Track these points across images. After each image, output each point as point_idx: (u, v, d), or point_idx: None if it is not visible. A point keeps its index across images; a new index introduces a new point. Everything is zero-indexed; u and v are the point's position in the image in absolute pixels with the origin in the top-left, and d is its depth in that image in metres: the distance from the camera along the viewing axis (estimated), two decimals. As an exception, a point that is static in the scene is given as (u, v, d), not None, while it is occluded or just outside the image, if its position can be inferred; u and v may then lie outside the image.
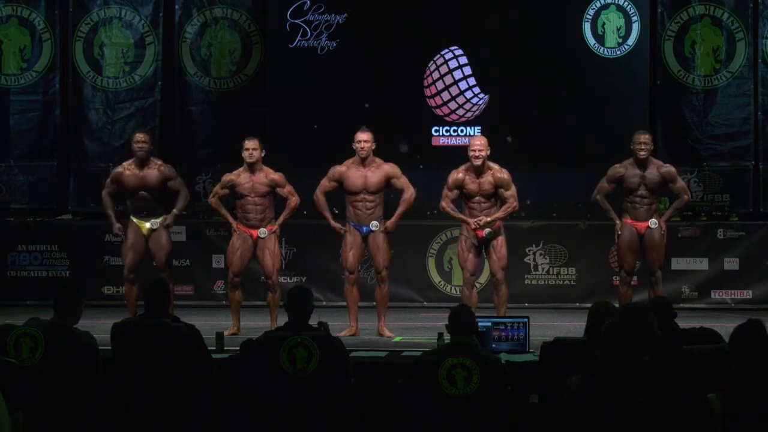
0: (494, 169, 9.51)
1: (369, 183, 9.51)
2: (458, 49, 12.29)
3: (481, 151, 9.46)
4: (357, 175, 9.52)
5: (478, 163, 9.44)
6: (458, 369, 5.54)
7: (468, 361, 5.54)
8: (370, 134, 9.56)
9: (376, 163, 9.59)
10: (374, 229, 9.53)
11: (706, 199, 12.24)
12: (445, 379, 5.53)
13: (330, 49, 12.39)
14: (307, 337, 5.74)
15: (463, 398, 5.53)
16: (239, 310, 9.69)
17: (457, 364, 5.54)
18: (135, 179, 9.81)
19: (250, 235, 9.64)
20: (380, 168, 9.57)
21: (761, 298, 11.68)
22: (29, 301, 11.78)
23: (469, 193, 9.50)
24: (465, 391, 5.53)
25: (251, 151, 9.60)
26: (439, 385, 5.52)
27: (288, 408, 5.73)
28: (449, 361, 5.55)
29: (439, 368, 5.54)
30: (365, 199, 9.52)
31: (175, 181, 9.90)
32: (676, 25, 12.31)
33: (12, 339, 5.86)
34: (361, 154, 9.49)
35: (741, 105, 12.27)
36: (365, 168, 9.53)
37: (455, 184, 9.53)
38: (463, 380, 5.53)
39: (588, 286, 11.76)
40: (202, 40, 12.72)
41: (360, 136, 9.53)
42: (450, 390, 5.53)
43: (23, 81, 12.83)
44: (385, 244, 9.57)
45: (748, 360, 4.80)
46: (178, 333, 6.12)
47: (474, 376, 5.52)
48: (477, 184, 9.47)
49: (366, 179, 9.51)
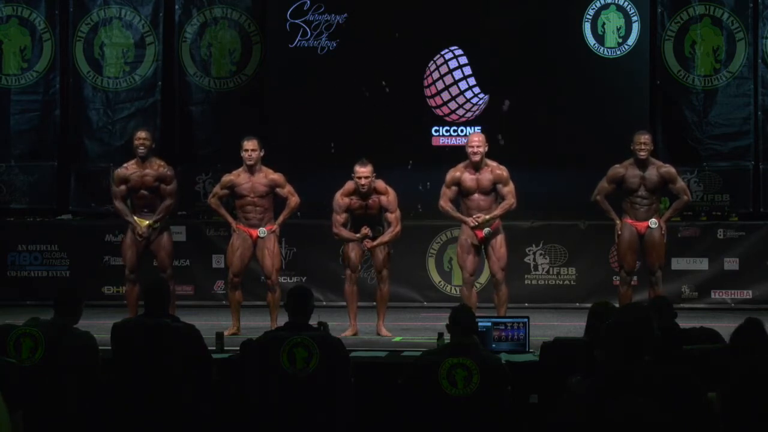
0: (492, 165, 9.52)
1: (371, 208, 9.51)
2: (458, 49, 12.29)
3: (479, 147, 9.47)
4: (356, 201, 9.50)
5: (476, 159, 9.44)
6: (458, 369, 5.54)
7: (468, 361, 5.55)
8: (370, 167, 9.45)
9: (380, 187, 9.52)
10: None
11: (706, 199, 12.24)
12: (445, 379, 5.53)
13: (330, 49, 12.38)
14: (307, 337, 5.75)
15: (463, 398, 5.53)
16: (239, 310, 9.69)
17: (457, 364, 5.55)
18: (136, 177, 9.80)
19: (249, 235, 9.64)
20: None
21: (761, 298, 11.68)
22: (29, 301, 11.77)
23: (467, 190, 9.50)
24: (465, 391, 5.53)
25: (250, 152, 9.60)
26: (439, 385, 5.52)
27: (288, 408, 5.73)
28: (449, 361, 5.55)
29: (439, 368, 5.54)
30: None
31: (169, 186, 9.80)
32: (676, 25, 12.31)
33: (12, 339, 5.86)
34: (362, 189, 9.40)
35: (741, 105, 12.27)
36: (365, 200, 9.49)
37: (453, 181, 9.54)
38: (463, 380, 5.53)
39: (588, 286, 11.75)
40: (202, 40, 12.72)
41: (360, 170, 9.43)
42: (450, 390, 5.53)
43: (23, 81, 12.83)
44: (384, 247, 9.57)
45: (748, 360, 4.81)
46: (178, 333, 6.12)
47: (474, 376, 5.52)
48: (475, 180, 9.47)
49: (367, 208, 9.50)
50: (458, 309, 5.91)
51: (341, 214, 9.49)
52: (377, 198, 9.47)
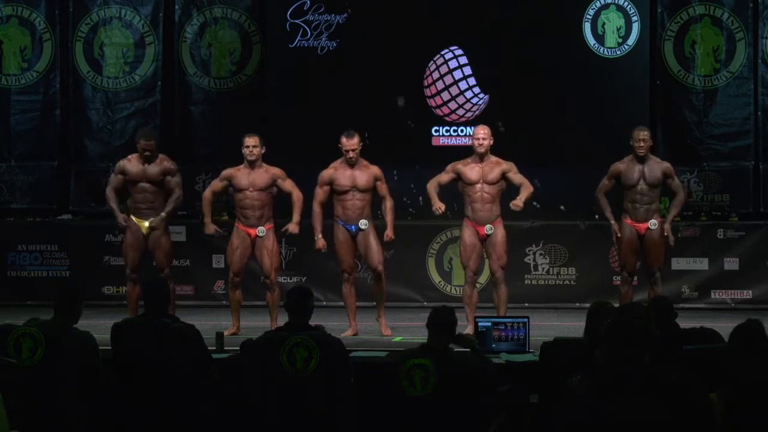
0: (497, 159, 9.54)
1: (358, 182, 9.52)
2: (458, 49, 12.29)
3: (485, 139, 9.50)
4: (345, 174, 9.52)
5: (482, 152, 9.47)
6: (417, 369, 5.52)
7: (427, 361, 5.53)
8: (358, 138, 9.52)
9: (365, 164, 9.59)
10: (363, 227, 9.54)
11: (706, 199, 12.24)
12: (405, 379, 5.51)
13: (330, 49, 12.38)
14: (307, 337, 5.74)
15: (424, 398, 5.50)
16: (239, 309, 9.69)
17: (417, 365, 5.53)
18: (138, 170, 9.79)
19: (248, 234, 9.64)
20: (369, 168, 9.57)
21: (761, 298, 11.68)
22: (29, 301, 11.76)
23: (470, 181, 9.49)
24: (423, 391, 5.50)
25: (251, 147, 9.61)
26: (400, 385, 5.51)
27: (288, 408, 5.73)
28: (410, 362, 5.54)
29: (401, 368, 5.52)
30: (354, 198, 9.53)
31: (174, 177, 9.84)
32: (676, 25, 12.31)
33: (12, 339, 5.87)
34: (351, 161, 9.46)
35: (741, 105, 12.27)
36: (353, 168, 9.52)
37: (453, 169, 9.57)
38: (421, 380, 5.51)
39: (588, 286, 11.75)
40: (202, 40, 12.72)
41: (348, 142, 9.48)
42: (409, 390, 5.51)
43: (24, 81, 12.82)
44: (375, 242, 9.57)
45: (748, 360, 4.80)
46: (178, 333, 6.12)
47: (431, 377, 5.50)
48: (480, 169, 9.45)
49: (354, 179, 9.51)
50: (433, 309, 5.92)
51: (323, 187, 9.55)
52: (366, 170, 9.50)
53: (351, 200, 9.52)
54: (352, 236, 9.58)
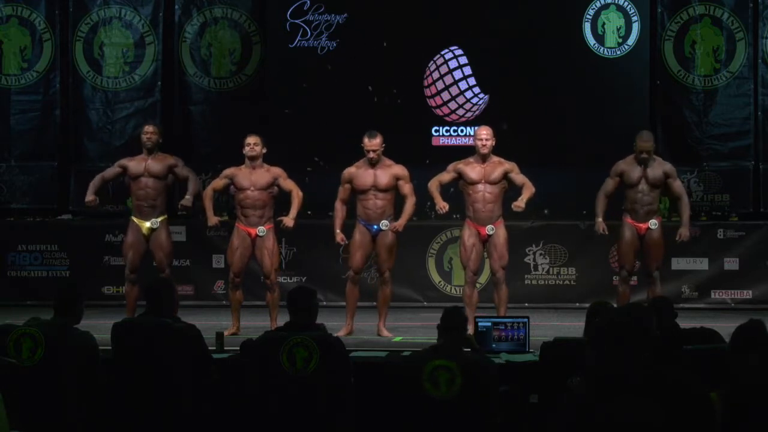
0: (499, 159, 9.54)
1: (378, 182, 9.53)
2: (458, 49, 12.30)
3: (488, 140, 9.49)
4: (366, 174, 9.54)
5: (485, 152, 9.46)
6: (441, 371, 5.50)
7: (451, 362, 5.51)
8: (380, 138, 9.56)
9: (387, 163, 9.60)
10: (384, 228, 9.53)
11: (706, 199, 12.25)
12: (428, 381, 5.50)
13: (330, 49, 12.39)
14: (307, 337, 5.74)
15: (447, 400, 5.49)
16: (239, 309, 9.69)
17: (439, 366, 5.51)
18: (140, 165, 9.83)
19: (248, 234, 9.64)
20: (391, 168, 9.59)
21: (761, 298, 11.68)
22: (29, 301, 11.77)
23: (472, 181, 9.48)
24: (448, 393, 5.49)
25: (252, 145, 9.63)
26: (423, 387, 5.49)
27: (288, 408, 5.73)
28: (432, 363, 5.52)
29: (423, 370, 5.51)
30: (375, 197, 9.53)
31: (182, 168, 9.90)
32: (676, 25, 12.32)
33: (12, 339, 5.86)
34: (372, 161, 9.49)
35: (741, 105, 12.27)
36: (374, 167, 9.54)
37: (454, 168, 9.56)
38: (446, 382, 5.49)
39: (588, 286, 11.75)
40: (202, 40, 12.72)
41: (370, 143, 9.51)
42: (433, 392, 5.50)
43: (24, 81, 12.83)
44: (393, 245, 9.57)
45: (749, 360, 4.80)
46: (179, 333, 6.12)
47: (457, 378, 5.49)
48: (482, 169, 9.45)
49: (375, 178, 9.52)
50: (446, 310, 5.90)
51: (344, 185, 9.58)
52: (389, 169, 9.52)
53: (372, 200, 9.53)
54: (371, 237, 9.57)
